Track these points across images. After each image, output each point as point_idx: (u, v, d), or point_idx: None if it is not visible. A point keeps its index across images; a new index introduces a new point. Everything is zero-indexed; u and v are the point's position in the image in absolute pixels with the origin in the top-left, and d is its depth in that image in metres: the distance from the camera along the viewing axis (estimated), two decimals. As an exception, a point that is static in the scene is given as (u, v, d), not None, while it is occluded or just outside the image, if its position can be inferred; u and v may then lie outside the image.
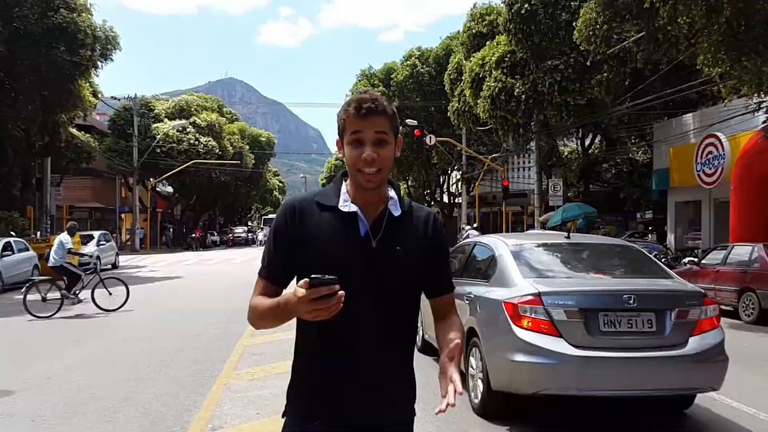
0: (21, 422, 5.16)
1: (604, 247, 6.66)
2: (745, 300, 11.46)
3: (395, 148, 1.84)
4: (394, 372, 1.83)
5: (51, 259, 12.54)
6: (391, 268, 1.78)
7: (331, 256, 1.75)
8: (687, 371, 4.91)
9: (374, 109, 1.76)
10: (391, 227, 1.81)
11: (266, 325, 1.84)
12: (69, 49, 20.89)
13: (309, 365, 1.83)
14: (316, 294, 1.53)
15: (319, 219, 1.81)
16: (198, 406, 5.49)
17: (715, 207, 19.89)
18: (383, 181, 1.82)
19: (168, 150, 40.27)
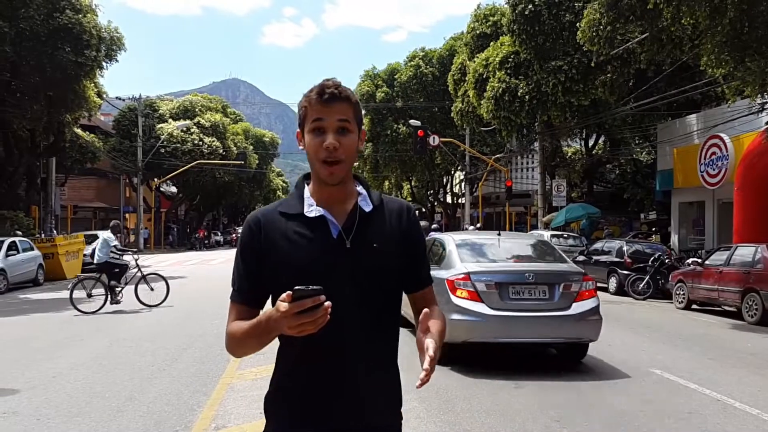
0: (26, 420, 5.19)
1: (523, 241, 9.07)
2: (749, 301, 11.44)
3: (359, 140, 1.75)
4: (381, 374, 1.75)
5: (96, 256, 12.90)
6: (370, 267, 1.70)
7: (307, 267, 1.66)
8: (571, 326, 7.09)
9: (337, 95, 1.68)
10: (363, 224, 1.72)
11: (248, 351, 1.73)
12: (74, 50, 20.95)
13: (293, 376, 1.73)
14: (301, 307, 1.43)
15: (286, 230, 1.71)
16: (201, 405, 5.52)
17: (718, 208, 19.85)
18: (347, 174, 1.73)
19: (172, 150, 40.39)
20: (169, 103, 46.13)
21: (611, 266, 16.93)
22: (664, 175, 22.58)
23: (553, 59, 22.99)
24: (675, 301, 13.91)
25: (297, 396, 1.72)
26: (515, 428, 4.95)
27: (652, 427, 5.02)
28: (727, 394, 6.08)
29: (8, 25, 19.33)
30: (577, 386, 6.32)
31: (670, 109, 23.38)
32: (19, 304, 14.38)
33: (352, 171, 1.77)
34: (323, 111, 1.68)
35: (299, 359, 1.71)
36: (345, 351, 1.68)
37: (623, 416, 5.30)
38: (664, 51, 16.19)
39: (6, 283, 16.99)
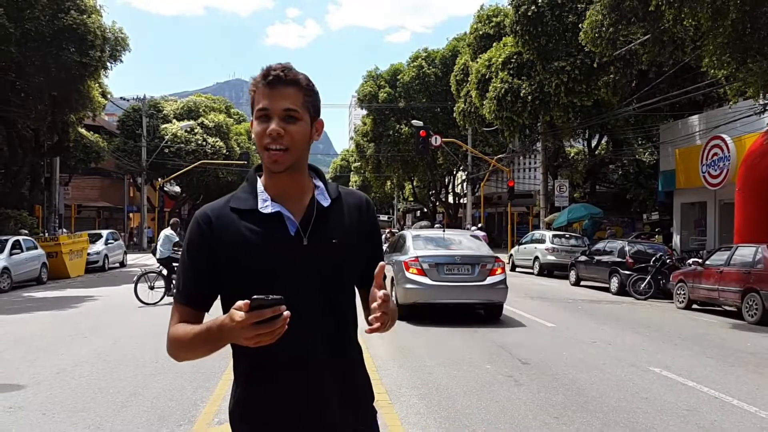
0: (32, 415, 5.27)
1: (459, 236, 12.32)
2: (749, 300, 11.47)
3: (312, 130, 1.63)
4: (348, 375, 1.65)
5: (158, 251, 13.70)
6: (329, 264, 1.60)
7: (262, 266, 1.55)
8: (485, 292, 10.51)
9: (282, 78, 1.56)
10: (321, 219, 1.62)
11: (192, 356, 1.61)
12: (79, 51, 21.05)
13: (250, 389, 1.62)
14: (260, 317, 1.32)
15: (239, 227, 1.59)
16: (204, 400, 5.59)
17: (720, 208, 19.88)
18: (295, 164, 1.61)
19: (176, 150, 40.54)
20: (173, 103, 46.28)
21: (613, 266, 16.97)
22: (667, 176, 22.61)
23: (555, 60, 23.04)
24: (676, 301, 13.94)
25: (257, 412, 1.60)
26: (514, 424, 5.01)
27: (651, 424, 5.07)
28: (725, 392, 6.13)
29: (14, 25, 19.43)
30: (577, 384, 6.38)
31: (672, 109, 23.41)
32: (23, 302, 14.47)
33: (306, 160, 1.67)
34: (268, 95, 1.57)
35: (256, 370, 1.60)
36: (307, 359, 1.57)
37: (621, 413, 5.35)
38: (666, 52, 16.23)
39: (10, 281, 17.07)
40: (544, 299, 14.66)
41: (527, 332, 9.69)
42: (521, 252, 24.49)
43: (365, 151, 45.54)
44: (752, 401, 5.80)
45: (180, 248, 13.16)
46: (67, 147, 27.79)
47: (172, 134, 40.56)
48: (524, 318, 11.21)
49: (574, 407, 5.52)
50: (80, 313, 12.12)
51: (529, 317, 11.28)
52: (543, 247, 22.69)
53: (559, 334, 9.53)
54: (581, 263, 18.92)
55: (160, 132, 40.87)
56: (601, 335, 9.53)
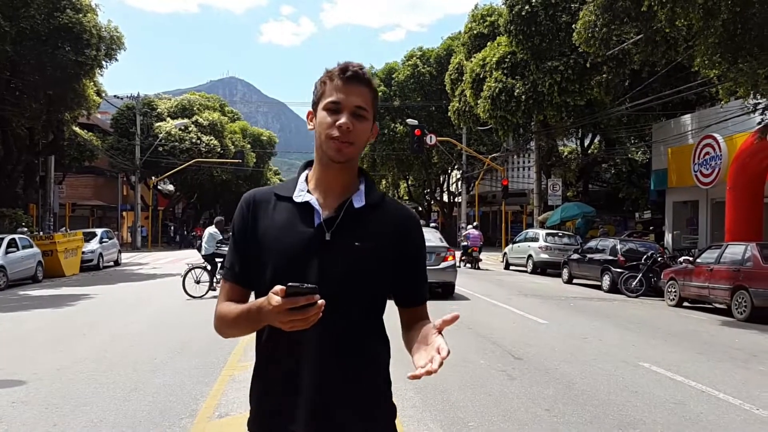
0: (35, 409, 5.37)
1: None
2: (738, 298, 11.66)
3: (370, 133, 1.68)
4: (354, 387, 1.62)
5: (203, 248, 14.42)
6: (346, 265, 1.59)
7: (282, 251, 1.60)
8: (441, 275, 13.17)
9: (360, 76, 1.62)
10: (350, 219, 1.63)
11: (236, 333, 1.65)
12: (74, 49, 21.09)
13: (258, 371, 1.69)
14: (293, 304, 1.38)
15: (274, 211, 1.66)
16: (204, 395, 5.71)
17: (712, 207, 20.08)
18: (354, 159, 1.65)
19: (170, 148, 40.55)
20: (167, 101, 46.26)
21: (605, 264, 17.16)
22: (659, 175, 22.81)
23: (549, 59, 23.21)
24: (667, 298, 14.13)
25: (259, 394, 1.68)
26: (506, 417, 5.15)
27: (639, 417, 5.22)
28: (712, 386, 6.29)
29: (9, 24, 19.46)
30: (568, 378, 6.53)
31: (665, 109, 23.62)
32: (20, 300, 14.53)
33: (358, 162, 1.71)
34: (343, 90, 1.61)
35: (263, 354, 1.67)
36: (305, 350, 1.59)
37: (611, 406, 5.50)
38: (659, 52, 16.39)
39: (6, 279, 17.12)
40: (537, 297, 14.82)
41: (520, 329, 9.84)
42: (515, 250, 24.68)
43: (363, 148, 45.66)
44: (737, 394, 5.97)
45: (224, 245, 13.72)
46: (61, 145, 27.80)
47: (166, 132, 40.56)
48: (517, 315, 11.37)
49: (565, 400, 5.67)
50: (77, 311, 12.20)
51: (523, 314, 11.44)
52: (536, 245, 22.88)
53: (552, 331, 9.68)
54: (574, 261, 19.11)
55: (154, 130, 40.86)
56: (592, 331, 9.70)
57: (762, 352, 8.45)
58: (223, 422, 4.93)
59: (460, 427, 4.87)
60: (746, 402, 5.72)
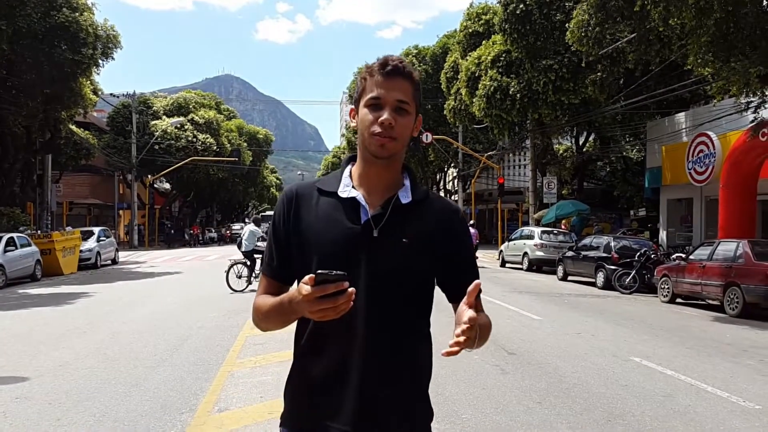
0: (38, 404, 5.49)
1: None
2: (730, 294, 11.83)
3: (414, 126, 1.66)
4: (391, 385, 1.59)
5: (243, 245, 15.14)
6: (393, 262, 1.58)
7: (327, 247, 1.58)
8: None
9: (401, 69, 1.61)
10: (397, 215, 1.61)
11: (272, 326, 1.64)
12: (71, 48, 21.17)
13: (299, 365, 1.67)
14: (323, 292, 1.36)
15: (317, 206, 1.64)
16: (204, 390, 5.82)
17: (706, 204, 20.25)
18: (398, 155, 1.64)
19: (166, 147, 40.62)
20: (162, 99, 46.30)
21: (599, 261, 17.32)
22: (653, 173, 22.99)
23: (543, 58, 23.35)
24: (660, 295, 14.30)
25: (299, 388, 1.66)
26: (499, 409, 5.29)
27: (628, 409, 5.36)
28: (701, 379, 6.44)
29: (6, 23, 19.52)
30: (560, 372, 6.67)
31: (659, 107, 23.78)
32: (19, 298, 14.61)
33: (403, 158, 1.69)
34: (383, 85, 1.59)
35: (304, 348, 1.65)
36: (354, 349, 1.57)
37: (601, 399, 5.64)
38: (653, 50, 16.52)
39: (5, 278, 17.20)
40: (532, 294, 14.97)
41: (515, 325, 9.97)
42: (511, 248, 24.83)
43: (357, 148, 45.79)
44: (725, 388, 6.11)
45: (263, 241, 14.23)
46: (58, 144, 27.86)
47: (162, 131, 40.63)
48: (512, 311, 11.51)
49: (556, 393, 5.80)
50: (76, 308, 12.30)
51: (517, 311, 11.58)
52: (532, 243, 23.04)
53: (545, 327, 9.83)
54: (568, 258, 19.27)
55: (150, 128, 40.91)
56: (585, 327, 9.84)
57: (752, 347, 8.60)
58: (223, 416, 5.05)
59: (454, 419, 5.01)
60: (733, 395, 5.87)
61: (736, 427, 4.94)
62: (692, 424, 4.99)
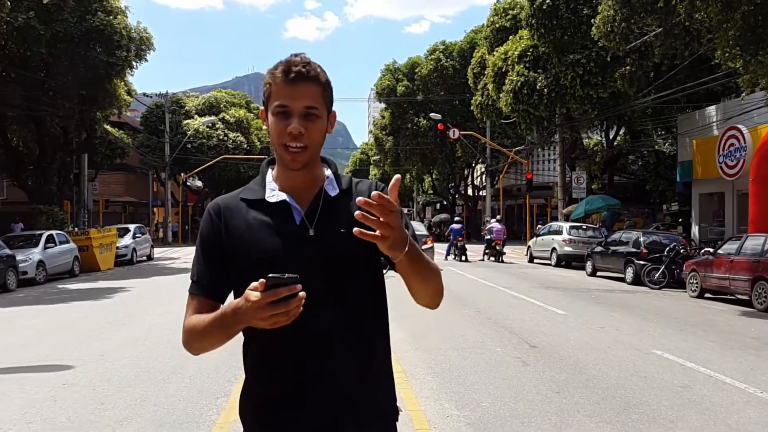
0: (83, 390, 5.87)
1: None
2: (758, 288, 11.77)
3: (328, 124, 1.61)
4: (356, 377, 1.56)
5: None
6: (337, 255, 1.55)
7: (267, 254, 1.53)
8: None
9: (305, 75, 1.53)
10: (328, 210, 1.59)
11: (208, 346, 1.56)
12: (106, 51, 21.81)
13: (255, 377, 1.61)
14: (276, 296, 1.30)
15: (247, 217, 1.59)
16: (238, 377, 6.13)
17: (738, 198, 20.00)
18: (312, 160, 1.59)
19: (198, 145, 41.43)
20: (194, 99, 47.16)
21: (628, 256, 17.27)
22: (685, 167, 22.76)
23: (571, 53, 23.28)
24: (688, 290, 14.25)
25: (261, 400, 1.59)
26: (518, 398, 5.49)
27: (645, 398, 5.51)
28: (721, 371, 6.54)
29: (44, 27, 20.21)
30: (580, 364, 6.83)
31: (690, 100, 23.52)
32: (59, 293, 15.22)
33: (320, 154, 1.65)
34: (289, 92, 1.53)
35: (260, 358, 1.59)
36: (310, 349, 1.53)
37: (619, 389, 5.80)
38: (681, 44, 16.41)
39: (45, 274, 17.89)
40: (558, 289, 15.05)
41: (539, 319, 10.11)
42: (539, 243, 24.82)
43: (384, 145, 46.02)
44: (744, 379, 6.21)
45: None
46: (94, 144, 28.66)
47: (194, 130, 41.43)
48: (537, 306, 11.64)
49: (575, 384, 5.97)
50: (115, 302, 12.80)
51: (543, 305, 11.70)
52: (560, 238, 23.00)
53: (569, 321, 9.95)
54: (597, 254, 19.23)
55: (183, 128, 41.77)
56: (610, 321, 9.94)
57: (777, 340, 8.62)
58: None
59: (474, 407, 5.22)
60: (752, 386, 5.97)
61: (749, 417, 5.07)
62: (706, 413, 5.13)
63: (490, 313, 10.59)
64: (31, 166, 25.72)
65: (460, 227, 25.70)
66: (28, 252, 17.60)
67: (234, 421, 4.80)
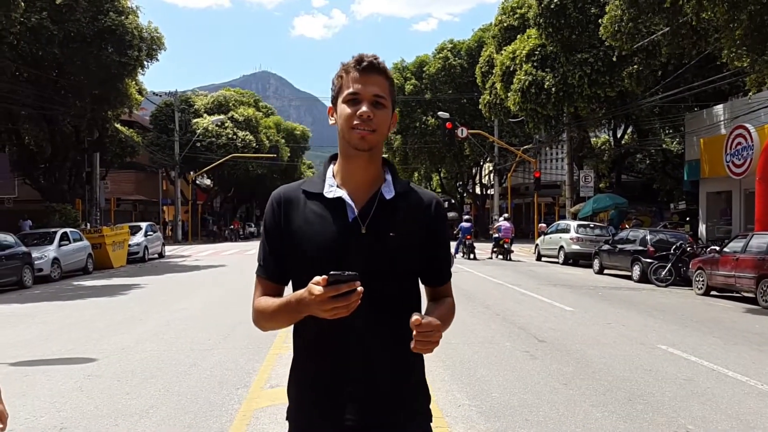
0: (108, 381, 6.11)
1: None
2: (763, 286, 11.92)
3: (390, 121, 1.72)
4: (391, 371, 1.68)
5: None
6: (384, 256, 1.65)
7: (319, 247, 1.65)
8: None
9: (376, 66, 1.67)
10: (382, 211, 1.68)
11: (275, 326, 1.71)
12: (117, 50, 22.11)
13: (300, 362, 1.74)
14: (336, 292, 1.44)
15: (305, 208, 1.70)
16: (256, 370, 6.38)
17: (745, 197, 20.06)
18: (377, 146, 1.69)
19: (207, 144, 41.76)
20: (203, 98, 47.49)
21: (635, 254, 17.42)
22: (692, 165, 22.85)
23: (579, 52, 23.42)
24: (695, 287, 14.39)
25: (304, 384, 1.72)
26: (526, 390, 5.70)
27: (649, 390, 5.70)
28: (724, 365, 6.72)
29: (57, 27, 20.53)
30: (587, 358, 7.02)
31: (698, 99, 23.61)
32: (75, 289, 15.51)
33: (382, 148, 1.75)
34: (360, 80, 1.66)
35: (305, 347, 1.72)
36: (350, 345, 1.65)
37: (624, 381, 6.00)
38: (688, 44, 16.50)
39: (60, 271, 18.19)
40: (566, 286, 15.22)
41: (546, 315, 10.30)
42: (546, 242, 24.97)
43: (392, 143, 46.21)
44: (745, 372, 6.40)
45: None
46: (105, 142, 29.00)
47: (203, 128, 41.77)
48: (545, 303, 11.82)
49: (582, 376, 6.18)
50: (130, 299, 13.07)
51: (550, 302, 11.89)
52: (568, 236, 23.14)
53: (576, 317, 10.14)
54: (604, 252, 19.38)
55: (192, 126, 42.11)
56: (616, 318, 10.12)
57: (781, 336, 8.78)
58: (275, 391, 5.58)
59: (484, 398, 5.44)
60: (753, 378, 6.15)
61: (749, 407, 5.26)
62: (708, 404, 5.32)
63: (498, 309, 10.79)
64: (44, 164, 26.08)
65: (469, 226, 25.91)
66: (43, 249, 17.91)
67: (255, 410, 5.04)
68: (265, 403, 5.24)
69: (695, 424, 4.80)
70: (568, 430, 4.68)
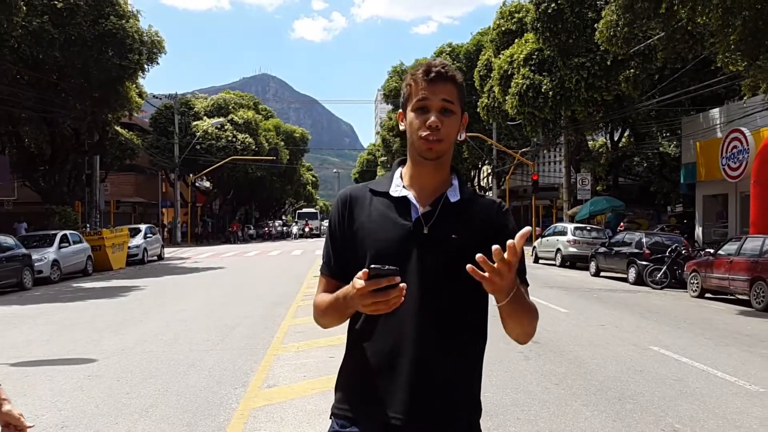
0: (108, 381, 6.23)
1: None
2: (756, 288, 12.05)
3: (461, 125, 1.74)
4: (447, 380, 1.63)
5: None
6: (445, 257, 1.63)
7: (381, 244, 1.66)
8: None
9: (444, 74, 1.68)
10: (446, 213, 1.68)
11: (329, 322, 1.71)
12: (118, 54, 22.24)
13: (351, 357, 1.74)
14: (375, 286, 1.42)
15: (370, 206, 1.73)
16: (254, 370, 6.50)
17: (741, 200, 20.22)
18: (445, 154, 1.71)
19: (207, 147, 41.89)
20: (203, 101, 47.64)
21: (630, 257, 17.55)
22: (689, 169, 23.00)
23: (576, 56, 23.59)
24: (689, 289, 14.52)
25: (352, 378, 1.72)
26: (519, 389, 5.82)
27: (639, 390, 5.83)
28: (714, 366, 6.84)
29: (58, 31, 20.66)
30: (580, 358, 7.14)
31: (694, 103, 23.77)
32: (74, 291, 15.63)
33: (451, 153, 1.76)
34: (428, 89, 1.67)
35: (357, 342, 1.71)
36: (404, 345, 1.62)
37: (615, 381, 6.12)
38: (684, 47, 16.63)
39: (59, 272, 18.30)
40: (562, 289, 15.34)
41: (542, 317, 10.18)
42: (544, 244, 25.10)
43: (391, 146, 46.46)
44: (734, 373, 6.52)
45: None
46: (105, 145, 29.11)
47: (203, 131, 41.91)
48: (541, 305, 11.91)
49: (574, 376, 6.30)
50: (130, 300, 13.18)
51: (546, 304, 11.99)
52: (565, 239, 23.28)
53: (571, 319, 10.26)
54: (601, 254, 19.52)
55: (192, 129, 42.24)
56: (610, 319, 10.25)
57: (772, 338, 8.90)
58: (272, 391, 5.70)
59: (477, 397, 5.54)
60: (741, 379, 6.28)
61: (736, 407, 5.38)
62: (696, 404, 5.44)
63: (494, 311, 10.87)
64: (44, 166, 26.19)
65: None
66: (43, 251, 18.01)
67: (253, 409, 5.16)
68: (262, 402, 5.36)
69: (682, 423, 4.92)
70: (557, 428, 4.80)
